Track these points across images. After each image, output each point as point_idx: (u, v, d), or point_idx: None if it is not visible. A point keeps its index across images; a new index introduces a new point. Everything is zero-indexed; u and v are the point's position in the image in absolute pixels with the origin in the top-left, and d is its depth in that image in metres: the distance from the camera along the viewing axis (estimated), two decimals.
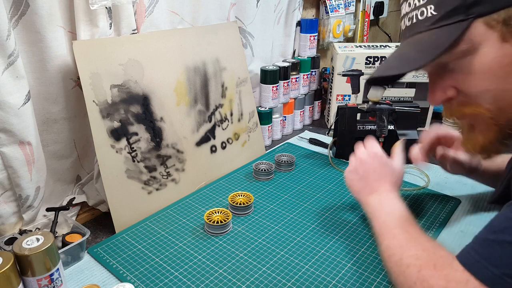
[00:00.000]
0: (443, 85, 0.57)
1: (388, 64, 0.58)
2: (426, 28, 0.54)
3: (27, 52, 0.74)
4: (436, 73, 0.58)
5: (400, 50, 0.57)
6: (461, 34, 0.51)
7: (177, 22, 1.00)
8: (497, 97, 0.53)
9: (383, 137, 1.09)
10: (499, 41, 0.51)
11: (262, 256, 0.75)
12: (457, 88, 0.56)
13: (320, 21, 1.55)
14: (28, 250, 0.56)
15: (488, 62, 0.52)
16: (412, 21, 0.56)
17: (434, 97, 0.58)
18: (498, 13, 0.50)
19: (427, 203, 0.91)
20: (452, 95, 0.57)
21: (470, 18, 0.51)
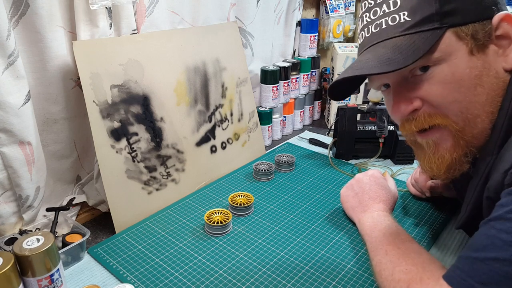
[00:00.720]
0: (408, 96, 0.57)
1: (365, 64, 0.55)
2: (400, 33, 0.54)
3: (27, 52, 0.74)
4: (401, 84, 0.58)
5: (374, 53, 0.56)
6: (437, 42, 0.52)
7: (177, 22, 1.00)
8: (464, 109, 0.53)
9: (383, 138, 1.10)
10: (467, 54, 0.52)
11: (262, 256, 0.75)
12: (423, 99, 0.56)
13: (320, 21, 1.55)
14: (28, 251, 0.56)
15: (458, 73, 0.52)
16: (380, 27, 0.56)
17: (399, 108, 0.58)
18: (467, 27, 0.51)
19: (427, 204, 0.91)
20: (417, 106, 0.56)
21: (444, 27, 0.52)
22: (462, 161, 0.57)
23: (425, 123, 0.57)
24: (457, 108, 0.54)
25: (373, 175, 0.82)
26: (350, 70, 0.58)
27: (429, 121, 0.56)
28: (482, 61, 0.53)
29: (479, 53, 0.53)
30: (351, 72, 0.57)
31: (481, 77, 0.53)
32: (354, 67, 0.58)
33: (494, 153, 0.53)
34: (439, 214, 0.88)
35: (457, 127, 0.55)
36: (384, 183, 0.81)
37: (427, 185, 0.88)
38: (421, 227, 0.83)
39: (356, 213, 0.79)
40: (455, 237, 0.80)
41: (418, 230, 0.82)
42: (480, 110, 0.54)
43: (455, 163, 0.58)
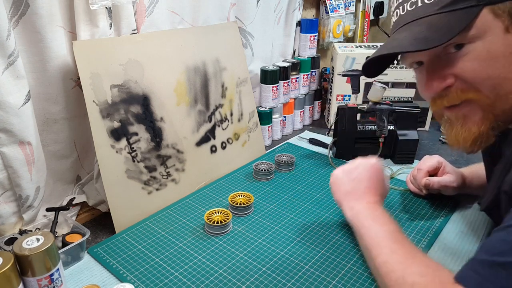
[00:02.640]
0: (441, 73, 0.57)
1: (400, 42, 0.56)
2: (435, 11, 0.54)
3: (27, 52, 0.74)
4: (434, 61, 0.58)
5: (409, 31, 0.56)
6: (473, 19, 0.52)
7: (177, 22, 1.00)
8: (497, 85, 0.54)
9: (383, 137, 1.10)
10: (503, 31, 0.52)
11: (262, 256, 0.75)
12: (456, 76, 0.56)
13: (320, 21, 1.55)
14: (28, 250, 0.56)
15: (494, 50, 0.53)
16: (416, 5, 0.56)
17: (432, 85, 0.58)
18: (505, 4, 0.51)
19: (427, 203, 0.91)
20: (450, 83, 0.57)
21: (481, 5, 0.52)
22: (489, 134, 0.58)
23: (458, 98, 0.57)
24: (490, 84, 0.54)
25: (375, 165, 0.77)
26: (386, 48, 0.58)
27: (462, 96, 0.57)
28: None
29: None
30: (387, 50, 0.57)
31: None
32: (390, 45, 0.58)
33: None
34: (439, 214, 0.87)
35: (488, 101, 0.55)
36: (383, 176, 0.78)
37: (422, 182, 0.89)
38: (421, 226, 0.83)
39: (349, 199, 0.74)
40: (455, 237, 0.80)
41: (418, 229, 0.82)
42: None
43: (481, 136, 0.58)
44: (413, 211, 0.89)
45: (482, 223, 0.84)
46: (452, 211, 0.88)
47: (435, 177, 0.89)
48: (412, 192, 0.95)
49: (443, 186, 0.87)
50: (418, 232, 0.81)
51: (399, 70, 1.26)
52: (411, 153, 1.10)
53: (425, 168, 0.90)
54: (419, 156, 1.03)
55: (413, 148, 1.10)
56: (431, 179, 0.88)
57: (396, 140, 1.10)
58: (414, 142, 1.09)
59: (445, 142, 1.23)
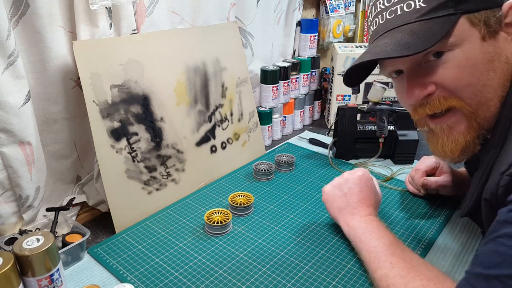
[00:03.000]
0: (422, 81, 0.58)
1: (384, 48, 0.56)
2: (415, 19, 0.55)
3: (27, 52, 0.74)
4: (414, 70, 0.58)
5: (391, 38, 0.56)
6: (452, 27, 0.53)
7: (177, 22, 1.00)
8: (478, 92, 0.55)
9: (383, 138, 1.10)
10: (480, 39, 0.54)
11: (262, 256, 0.75)
12: (437, 84, 0.57)
13: (320, 21, 1.55)
14: (28, 251, 0.56)
15: (472, 58, 0.54)
16: (396, 13, 0.57)
17: (413, 93, 0.58)
18: (480, 13, 0.53)
19: (426, 203, 0.91)
20: (431, 91, 0.57)
21: (459, 13, 0.53)
22: (475, 142, 0.58)
23: (440, 105, 0.57)
24: (471, 91, 0.55)
25: (363, 175, 0.78)
26: (369, 54, 0.58)
27: (444, 104, 0.57)
28: (494, 47, 0.54)
29: (490, 39, 0.54)
30: (371, 56, 0.57)
31: (493, 62, 0.54)
32: (373, 51, 0.58)
33: (498, 146, 0.54)
34: (439, 214, 0.88)
35: (471, 109, 0.56)
36: (373, 185, 0.79)
37: (420, 182, 0.89)
38: (421, 227, 0.83)
39: (344, 215, 0.75)
40: (455, 237, 0.80)
41: (419, 229, 0.82)
42: (493, 94, 0.55)
43: (469, 145, 0.58)
44: (413, 211, 0.89)
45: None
46: (452, 211, 0.88)
47: (432, 177, 0.89)
48: (411, 192, 0.95)
49: (441, 186, 0.87)
50: (418, 232, 0.81)
51: None
52: (411, 154, 1.10)
53: (423, 168, 0.90)
54: (419, 156, 1.03)
55: (413, 149, 1.10)
56: (428, 179, 0.88)
57: (396, 140, 1.10)
58: (414, 142, 1.09)
59: None
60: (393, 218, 0.86)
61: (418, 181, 0.90)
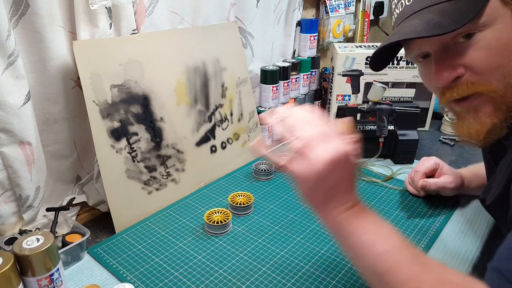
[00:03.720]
0: (451, 63, 0.56)
1: (414, 28, 0.54)
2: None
3: (27, 52, 0.74)
4: (442, 52, 0.57)
5: (420, 18, 0.55)
6: (483, 7, 0.51)
7: (177, 22, 1.00)
8: (508, 74, 0.53)
9: (383, 137, 1.10)
10: (511, 19, 0.52)
11: (262, 256, 0.75)
12: (466, 66, 0.55)
13: (320, 21, 1.55)
14: (28, 250, 0.56)
15: (503, 38, 0.52)
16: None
17: (442, 75, 0.57)
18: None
19: (427, 203, 0.91)
20: (461, 73, 0.56)
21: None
22: (502, 125, 0.56)
23: (468, 90, 0.56)
24: (501, 73, 0.53)
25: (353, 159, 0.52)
26: (397, 35, 0.57)
27: (472, 88, 0.55)
28: None
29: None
30: (400, 36, 0.56)
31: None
32: (402, 32, 0.56)
33: None
34: (439, 214, 0.87)
35: (499, 92, 0.54)
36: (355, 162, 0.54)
37: (419, 183, 0.89)
38: (421, 226, 0.83)
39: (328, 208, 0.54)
40: (455, 237, 0.80)
41: (418, 229, 0.82)
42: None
43: (495, 127, 0.56)
44: (413, 211, 0.89)
45: (482, 223, 0.84)
46: (452, 211, 0.88)
47: (432, 179, 0.89)
48: (411, 193, 0.95)
49: (441, 187, 0.87)
50: (418, 232, 0.81)
51: (399, 70, 1.26)
52: (411, 153, 1.10)
53: (422, 170, 0.90)
54: (419, 156, 1.03)
55: (413, 148, 1.10)
56: (428, 181, 0.88)
57: (396, 140, 1.10)
58: (414, 142, 1.09)
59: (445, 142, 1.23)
60: (393, 218, 0.86)
61: (417, 183, 0.90)
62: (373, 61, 0.65)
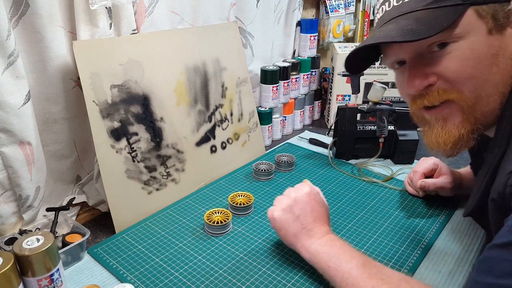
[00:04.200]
0: (424, 72, 0.57)
1: (388, 33, 0.56)
2: (423, 7, 0.54)
3: (27, 52, 0.74)
4: (417, 59, 0.58)
5: (396, 24, 0.56)
6: (458, 18, 0.52)
7: (177, 22, 1.00)
8: (479, 86, 0.54)
9: (383, 138, 1.10)
10: (486, 33, 0.53)
11: (262, 256, 0.75)
12: (438, 75, 0.56)
13: (320, 21, 1.55)
14: (28, 251, 0.56)
15: (476, 51, 0.53)
16: (403, 1, 0.56)
17: (414, 83, 0.58)
18: (489, 6, 0.52)
19: (427, 203, 0.91)
20: (433, 81, 0.57)
21: (467, 4, 0.52)
22: (468, 137, 0.58)
23: (439, 97, 0.57)
24: (472, 84, 0.54)
25: (311, 192, 0.71)
26: (372, 38, 0.58)
27: (443, 96, 0.57)
28: (499, 41, 0.53)
29: (497, 33, 0.53)
30: (374, 40, 0.57)
31: (497, 57, 0.53)
32: (376, 36, 0.58)
33: (502, 144, 0.53)
34: (439, 214, 0.88)
35: (469, 103, 0.55)
36: (321, 199, 0.73)
37: (418, 184, 0.89)
38: (421, 227, 0.83)
39: (301, 240, 0.68)
40: (455, 237, 0.80)
41: (418, 230, 0.82)
42: (493, 89, 0.54)
43: (462, 138, 0.58)
44: (413, 211, 0.89)
45: None
46: (452, 211, 0.88)
47: (430, 179, 0.89)
48: (411, 194, 0.95)
49: (439, 187, 0.88)
50: (418, 232, 0.81)
51: None
52: (411, 154, 1.10)
53: (421, 170, 0.90)
54: (418, 156, 1.03)
55: (413, 149, 1.10)
56: (426, 181, 0.88)
57: (396, 140, 1.10)
58: (414, 142, 1.09)
59: None
60: (393, 218, 0.86)
61: (416, 183, 0.90)
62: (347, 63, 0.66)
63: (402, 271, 0.71)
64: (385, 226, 0.84)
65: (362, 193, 0.96)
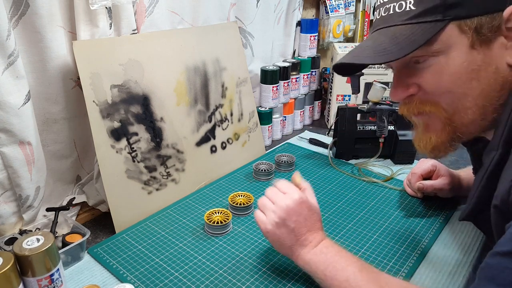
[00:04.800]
0: (406, 82, 0.58)
1: (361, 52, 0.57)
2: (402, 22, 0.54)
3: (27, 52, 0.74)
4: (402, 69, 0.59)
5: (374, 40, 0.57)
6: (437, 34, 0.52)
7: (177, 22, 1.00)
8: (456, 99, 0.55)
9: (383, 138, 1.10)
10: (468, 47, 0.52)
11: (262, 256, 0.75)
12: (419, 86, 0.57)
13: (320, 21, 1.55)
14: (28, 251, 0.56)
15: (456, 66, 0.53)
16: (388, 12, 0.56)
17: (396, 93, 0.60)
18: (472, 20, 0.51)
19: (426, 203, 0.91)
20: (413, 92, 0.58)
21: (447, 20, 0.52)
22: (446, 145, 0.59)
23: (416, 109, 0.59)
24: (449, 98, 0.55)
25: (301, 200, 0.66)
26: (349, 56, 0.60)
27: (420, 108, 0.59)
28: (483, 55, 0.53)
29: (481, 47, 0.52)
30: (348, 59, 0.59)
31: (479, 72, 0.53)
32: (353, 54, 0.59)
33: (498, 148, 0.53)
34: (439, 214, 0.88)
35: (446, 114, 0.57)
36: (311, 204, 0.68)
37: (415, 186, 0.90)
38: (420, 227, 0.83)
39: (296, 250, 0.65)
40: (455, 237, 0.80)
41: (418, 230, 0.82)
42: (471, 102, 0.55)
43: (439, 146, 0.60)
44: (412, 211, 0.89)
45: None
46: (452, 212, 0.88)
47: (428, 181, 0.89)
48: (410, 195, 0.95)
49: (438, 189, 0.88)
50: (418, 233, 0.81)
51: None
52: (411, 154, 1.10)
53: (419, 172, 0.91)
54: (418, 156, 1.03)
55: (413, 149, 1.07)
56: (424, 183, 0.89)
57: (396, 140, 1.10)
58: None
59: None
60: (393, 218, 0.86)
61: (414, 185, 0.90)
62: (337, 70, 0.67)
63: (402, 271, 0.71)
64: (384, 226, 0.84)
65: (362, 193, 0.96)
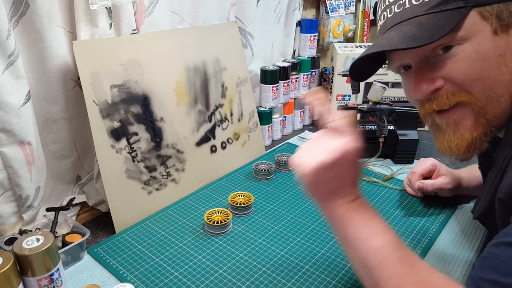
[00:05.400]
0: (430, 76, 0.56)
1: (390, 40, 0.55)
2: (424, 12, 0.54)
3: (27, 52, 0.74)
4: (422, 64, 0.57)
5: (399, 30, 0.55)
6: (461, 20, 0.52)
7: (177, 22, 1.00)
8: (488, 86, 0.53)
9: (383, 137, 1.10)
10: (491, 33, 0.52)
11: (262, 256, 0.75)
12: (445, 78, 0.55)
13: (320, 21, 1.55)
14: (28, 250, 0.56)
15: (482, 52, 0.52)
16: (404, 7, 0.56)
17: (421, 88, 0.57)
18: (492, 6, 0.51)
19: (427, 203, 0.91)
20: (440, 85, 0.56)
21: (469, 6, 0.52)
22: (482, 140, 0.56)
23: (448, 101, 0.56)
24: (481, 85, 0.53)
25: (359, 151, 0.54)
26: (375, 46, 0.57)
27: (452, 99, 0.55)
28: (506, 41, 0.52)
29: (502, 33, 0.52)
30: (376, 48, 0.56)
31: (505, 57, 0.52)
32: (379, 44, 0.57)
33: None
34: (439, 213, 0.88)
35: (480, 104, 0.54)
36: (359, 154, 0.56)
37: (415, 185, 0.89)
38: (421, 226, 0.83)
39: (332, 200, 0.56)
40: (455, 237, 0.80)
41: (419, 229, 0.82)
42: (504, 89, 0.53)
43: (475, 142, 0.56)
44: (413, 211, 0.89)
45: None
46: (452, 211, 0.88)
47: (428, 180, 0.89)
48: (410, 194, 0.95)
49: (438, 188, 0.88)
50: (418, 232, 0.81)
51: None
52: (411, 153, 1.10)
53: (419, 171, 0.90)
54: (419, 156, 1.03)
55: (413, 148, 1.10)
56: (424, 182, 0.88)
57: (396, 140, 1.10)
58: (414, 142, 1.09)
59: None
60: (393, 218, 0.86)
61: (414, 184, 0.90)
62: (352, 71, 0.65)
63: None
64: None
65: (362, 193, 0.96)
